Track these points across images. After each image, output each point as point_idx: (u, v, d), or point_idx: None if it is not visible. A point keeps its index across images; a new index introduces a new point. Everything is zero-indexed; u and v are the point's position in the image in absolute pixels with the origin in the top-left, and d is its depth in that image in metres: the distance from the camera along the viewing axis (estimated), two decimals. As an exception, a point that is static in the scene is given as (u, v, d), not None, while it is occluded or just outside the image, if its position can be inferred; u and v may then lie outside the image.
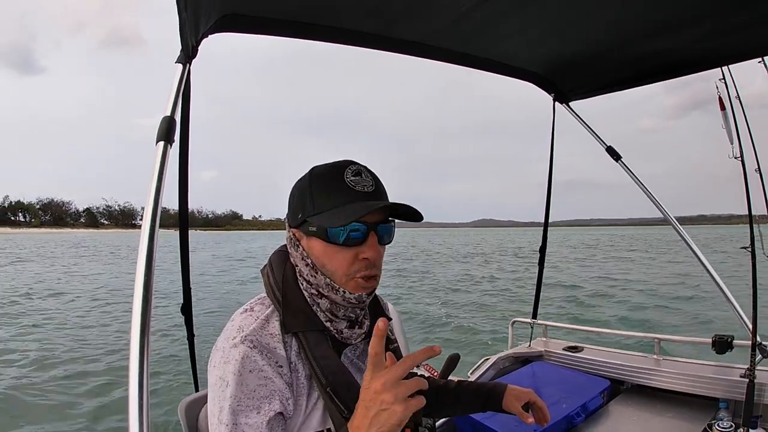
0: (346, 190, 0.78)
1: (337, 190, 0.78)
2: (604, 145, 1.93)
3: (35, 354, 6.34)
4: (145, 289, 0.69)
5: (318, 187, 0.80)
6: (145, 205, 0.78)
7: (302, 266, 0.83)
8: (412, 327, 7.93)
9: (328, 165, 0.82)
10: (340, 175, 0.79)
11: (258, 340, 0.75)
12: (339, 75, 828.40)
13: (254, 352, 0.74)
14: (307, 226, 0.80)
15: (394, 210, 0.82)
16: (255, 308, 0.82)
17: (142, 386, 0.62)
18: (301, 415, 0.77)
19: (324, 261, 0.80)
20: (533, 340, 2.26)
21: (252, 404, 0.72)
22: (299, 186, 0.83)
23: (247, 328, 0.77)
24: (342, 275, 0.79)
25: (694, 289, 11.42)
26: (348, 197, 0.77)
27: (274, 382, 0.74)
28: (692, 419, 1.61)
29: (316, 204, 0.78)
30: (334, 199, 0.77)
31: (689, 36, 1.33)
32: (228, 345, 0.75)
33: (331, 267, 0.79)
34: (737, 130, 1.66)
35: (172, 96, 0.89)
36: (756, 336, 1.58)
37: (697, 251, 1.85)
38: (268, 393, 0.73)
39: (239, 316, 0.81)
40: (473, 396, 1.10)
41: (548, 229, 2.12)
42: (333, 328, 0.82)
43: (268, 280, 0.86)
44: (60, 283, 14.85)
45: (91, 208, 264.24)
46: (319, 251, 0.80)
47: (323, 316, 0.82)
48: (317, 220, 0.78)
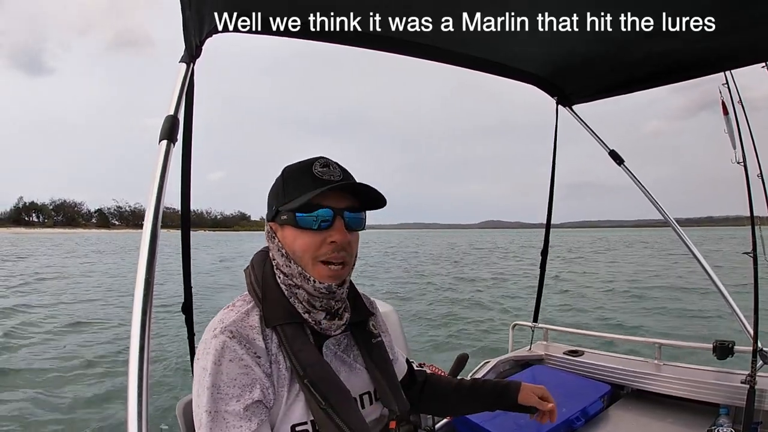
0: (314, 180, 0.82)
1: (305, 181, 0.82)
2: (607, 149, 1.93)
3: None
4: (146, 287, 0.70)
5: (288, 181, 0.85)
6: (147, 203, 0.78)
7: (278, 257, 0.86)
8: (417, 328, 7.90)
9: (299, 162, 0.87)
10: (308, 168, 0.84)
11: (237, 330, 0.79)
12: (345, 75, 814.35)
13: (233, 342, 0.77)
14: (279, 216, 0.84)
15: (361, 199, 0.86)
16: (236, 304, 0.86)
17: (141, 385, 0.62)
18: (283, 406, 0.79)
19: (294, 247, 0.83)
20: (534, 344, 2.26)
21: (232, 392, 0.74)
22: (274, 183, 0.88)
23: (228, 320, 0.80)
24: (309, 258, 0.82)
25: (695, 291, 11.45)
26: (314, 185, 0.81)
27: (253, 370, 0.77)
28: (692, 425, 1.60)
29: (287, 195, 0.83)
30: (301, 188, 0.82)
31: (693, 39, 1.32)
32: (209, 336, 0.79)
33: (300, 252, 0.83)
34: (740, 135, 1.65)
35: (176, 95, 0.90)
36: (757, 342, 1.57)
37: (697, 254, 1.85)
38: (249, 381, 0.76)
39: (222, 311, 0.85)
40: (490, 391, 1.10)
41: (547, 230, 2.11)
42: (311, 319, 0.85)
43: (250, 278, 0.89)
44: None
45: (103, 209, 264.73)
46: (291, 238, 0.83)
47: (301, 308, 0.84)
48: (286, 208, 0.82)
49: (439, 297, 11.62)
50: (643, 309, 9.62)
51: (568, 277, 15.01)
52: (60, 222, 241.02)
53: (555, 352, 2.15)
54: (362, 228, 0.87)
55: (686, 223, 54.20)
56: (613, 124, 52.94)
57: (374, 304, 1.05)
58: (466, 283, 14.46)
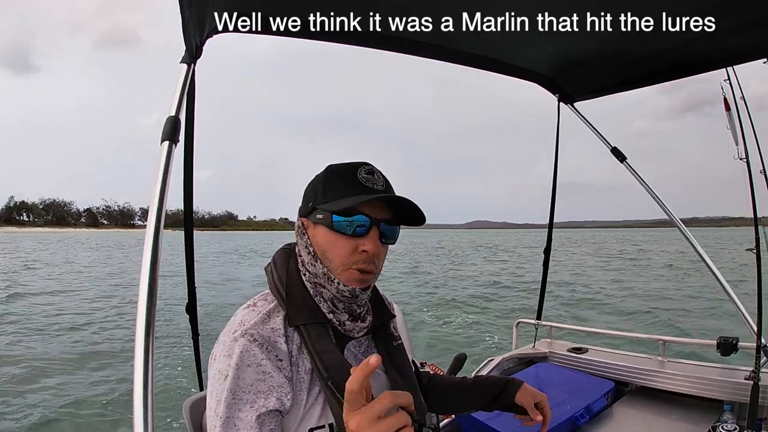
0: (357, 185, 0.81)
1: (348, 184, 0.81)
2: (609, 146, 1.92)
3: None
4: (150, 287, 0.70)
5: (331, 180, 0.84)
6: (150, 204, 0.78)
7: (305, 254, 0.85)
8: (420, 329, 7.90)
9: (345, 163, 0.86)
10: (353, 172, 0.83)
11: (259, 333, 0.76)
12: (335, 75, 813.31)
13: (254, 346, 0.75)
14: (315, 214, 0.83)
15: (398, 212, 0.84)
16: (258, 304, 0.84)
17: (146, 385, 0.63)
18: (302, 409, 0.77)
19: (325, 248, 0.82)
20: (538, 341, 2.26)
21: (247, 398, 0.72)
22: (314, 179, 0.87)
23: (248, 322, 0.78)
24: (339, 264, 0.81)
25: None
26: (357, 191, 0.80)
27: (272, 377, 0.74)
28: (696, 421, 1.60)
29: (327, 194, 0.82)
30: (343, 191, 0.81)
31: (695, 36, 1.32)
32: (228, 339, 0.76)
33: (331, 255, 0.81)
34: (742, 131, 1.65)
35: (177, 96, 0.90)
36: (761, 338, 1.57)
37: (702, 253, 1.84)
38: (265, 388, 0.73)
39: (242, 311, 0.82)
40: (490, 388, 1.08)
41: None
42: (336, 319, 0.83)
43: (272, 276, 0.87)
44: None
45: (92, 209, 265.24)
46: (323, 239, 0.82)
47: (326, 307, 0.83)
48: (325, 208, 0.81)
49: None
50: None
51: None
52: (50, 221, 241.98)
53: (559, 350, 2.15)
54: (394, 242, 0.86)
55: (671, 223, 53.89)
56: (598, 124, 53.31)
57: (394, 306, 1.04)
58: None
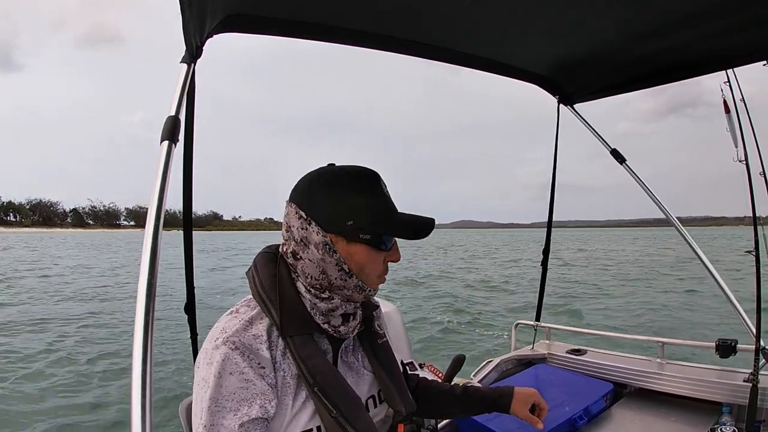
0: (386, 202, 0.84)
1: (379, 201, 0.83)
2: (609, 148, 1.92)
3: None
4: (148, 288, 0.70)
5: (362, 196, 0.81)
6: (149, 203, 0.78)
7: (332, 271, 0.81)
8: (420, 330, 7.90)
9: (359, 173, 0.83)
10: (376, 184, 0.84)
11: (240, 341, 0.75)
12: (324, 74, 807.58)
13: (235, 354, 0.74)
14: (357, 233, 0.81)
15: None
16: (240, 310, 0.82)
17: (144, 386, 0.63)
18: (288, 415, 0.77)
19: (364, 264, 0.82)
20: (536, 343, 2.26)
21: (230, 406, 0.72)
22: (335, 192, 0.81)
23: (230, 329, 0.77)
24: (375, 277, 0.85)
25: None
26: (389, 208, 0.84)
27: (255, 384, 0.74)
28: (695, 423, 1.60)
29: (370, 214, 0.81)
30: (382, 209, 0.83)
31: (695, 38, 1.32)
32: (210, 346, 0.75)
33: (369, 269, 0.83)
34: (742, 133, 1.65)
35: (177, 95, 0.89)
36: (760, 340, 1.57)
37: (700, 254, 1.84)
38: (248, 396, 0.73)
39: (224, 317, 0.82)
40: (480, 401, 1.10)
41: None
42: (330, 327, 0.83)
43: (254, 281, 0.84)
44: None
45: (78, 209, 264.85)
46: (364, 257, 0.82)
47: (321, 319, 0.82)
48: (375, 230, 0.81)
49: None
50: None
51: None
52: (37, 221, 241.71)
53: (558, 351, 2.15)
54: None
55: (655, 223, 53.43)
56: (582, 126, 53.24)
57: (378, 301, 1.05)
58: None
